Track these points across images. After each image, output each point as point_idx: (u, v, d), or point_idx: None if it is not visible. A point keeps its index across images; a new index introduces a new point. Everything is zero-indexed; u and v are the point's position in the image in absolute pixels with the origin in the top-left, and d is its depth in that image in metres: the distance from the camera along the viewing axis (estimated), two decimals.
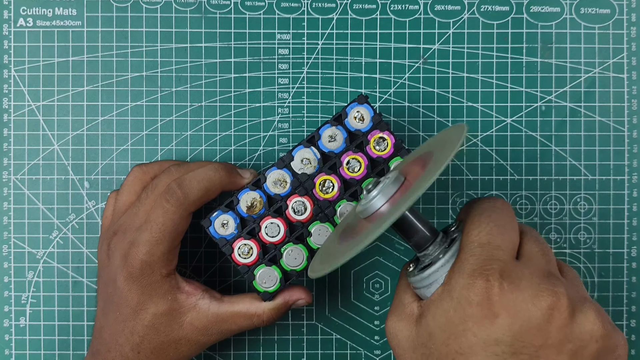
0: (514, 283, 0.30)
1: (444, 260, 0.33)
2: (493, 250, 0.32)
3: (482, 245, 0.32)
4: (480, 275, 0.31)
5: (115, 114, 0.47)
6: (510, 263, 0.31)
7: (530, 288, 0.30)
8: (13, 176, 0.47)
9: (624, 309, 0.47)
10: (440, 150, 0.33)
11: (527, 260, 0.32)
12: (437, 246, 0.34)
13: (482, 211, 0.34)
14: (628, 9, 0.47)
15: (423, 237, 0.34)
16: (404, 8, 0.47)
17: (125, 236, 0.40)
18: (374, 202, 0.33)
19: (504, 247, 0.32)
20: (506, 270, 0.31)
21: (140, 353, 0.40)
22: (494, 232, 0.32)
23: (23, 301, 0.47)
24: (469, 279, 0.31)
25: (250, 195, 0.40)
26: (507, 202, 0.35)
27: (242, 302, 0.41)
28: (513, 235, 0.33)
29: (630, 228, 0.47)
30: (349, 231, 0.35)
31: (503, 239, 0.32)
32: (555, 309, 0.30)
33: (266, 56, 0.47)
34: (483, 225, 0.33)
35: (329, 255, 0.34)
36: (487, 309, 0.30)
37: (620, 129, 0.47)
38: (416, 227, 0.34)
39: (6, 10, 0.47)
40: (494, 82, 0.47)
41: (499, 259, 0.31)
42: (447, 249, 0.33)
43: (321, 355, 0.47)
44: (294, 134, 0.47)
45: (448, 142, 0.33)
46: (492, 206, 0.34)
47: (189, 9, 0.47)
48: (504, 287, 0.30)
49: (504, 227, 0.33)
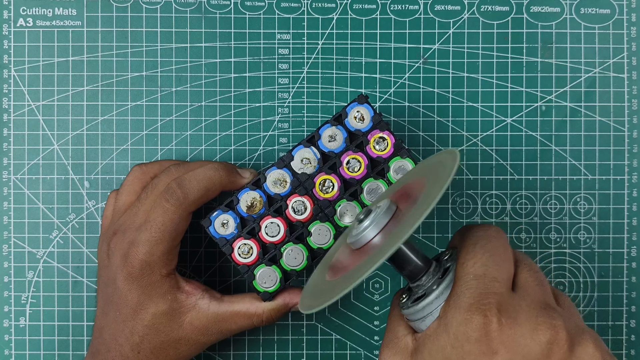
0: (512, 317, 0.30)
1: (438, 292, 0.32)
2: (489, 283, 0.31)
3: (478, 277, 0.31)
4: (477, 310, 0.30)
5: (115, 113, 0.47)
6: (507, 296, 0.31)
7: (528, 322, 0.30)
8: (13, 176, 0.47)
9: (624, 309, 0.47)
10: (433, 180, 0.32)
11: (524, 292, 0.32)
12: (431, 276, 0.33)
13: (476, 240, 0.33)
14: (628, 9, 0.47)
15: (416, 268, 0.33)
16: (404, 8, 0.47)
17: (125, 236, 0.40)
18: (367, 233, 0.32)
19: (500, 279, 0.31)
20: (503, 304, 0.30)
21: (140, 353, 0.40)
22: (489, 263, 0.32)
23: (23, 301, 0.47)
24: (466, 314, 0.30)
25: (250, 195, 0.40)
26: (500, 230, 0.34)
27: (242, 302, 0.41)
28: (508, 265, 0.32)
29: (630, 228, 0.47)
30: (339, 264, 0.34)
31: (499, 270, 0.31)
32: (554, 343, 0.30)
33: (266, 56, 0.47)
34: (478, 255, 0.32)
35: (321, 291, 0.33)
36: (485, 346, 0.29)
37: (620, 129, 0.47)
38: (409, 259, 0.33)
39: (6, 10, 0.47)
40: (494, 82, 0.47)
41: (496, 292, 0.30)
42: (441, 280, 0.32)
43: (321, 355, 0.47)
44: (294, 134, 0.47)
45: (441, 171, 0.32)
46: (487, 235, 0.33)
47: (189, 9, 0.47)
48: (502, 322, 0.30)
49: (500, 257, 0.32)
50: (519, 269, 0.33)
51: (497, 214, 0.47)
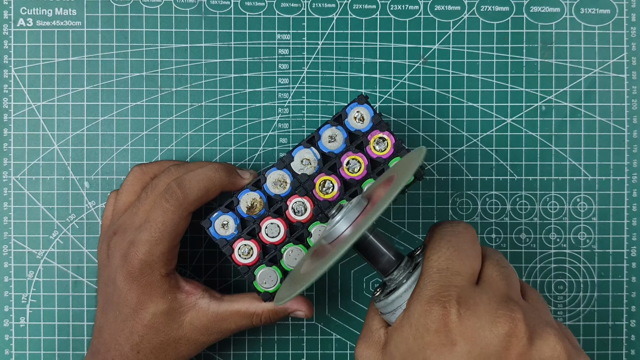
0: (471, 309, 0.30)
1: (407, 285, 0.33)
2: (451, 276, 0.31)
3: (440, 270, 0.32)
4: (437, 302, 0.30)
5: (115, 114, 0.47)
6: (469, 289, 0.31)
7: (487, 314, 0.30)
8: (13, 176, 0.47)
9: (624, 309, 0.47)
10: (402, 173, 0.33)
11: (486, 285, 0.32)
12: (402, 271, 0.34)
13: (442, 235, 0.34)
14: (628, 9, 0.47)
15: (388, 262, 0.34)
16: (404, 8, 0.47)
17: (125, 236, 0.40)
18: (338, 227, 0.33)
19: (462, 273, 0.32)
20: (463, 297, 0.31)
21: (139, 353, 0.40)
22: (453, 257, 0.32)
23: (23, 301, 0.47)
24: (426, 305, 0.31)
25: (250, 195, 0.40)
26: (469, 225, 0.35)
27: (242, 301, 0.41)
28: (473, 260, 0.33)
29: (630, 228, 0.47)
30: (314, 258, 0.35)
31: (462, 264, 0.32)
32: (513, 335, 0.30)
33: (266, 56, 0.47)
34: (443, 250, 0.33)
35: (294, 282, 0.34)
36: (444, 337, 0.30)
37: (620, 129, 0.47)
38: (381, 252, 0.34)
39: (6, 10, 0.47)
40: (494, 82, 0.47)
41: (457, 285, 0.31)
42: (411, 274, 0.33)
43: (321, 355, 0.47)
44: (294, 134, 0.47)
45: (408, 165, 0.33)
46: (454, 230, 0.34)
47: (189, 9, 0.47)
48: (461, 314, 0.30)
49: (464, 251, 0.33)
50: (485, 264, 0.33)
51: (497, 214, 0.47)
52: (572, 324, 0.47)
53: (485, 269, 0.33)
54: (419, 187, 0.47)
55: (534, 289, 0.34)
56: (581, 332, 0.47)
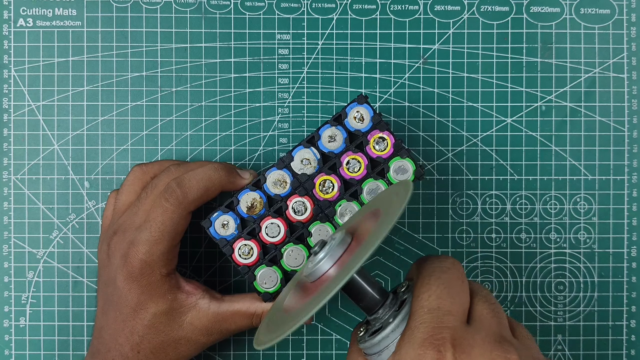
0: (466, 352, 0.30)
1: (394, 325, 0.32)
2: (443, 317, 0.30)
3: (431, 310, 0.31)
4: (431, 345, 0.30)
5: (115, 114, 0.47)
6: (461, 329, 0.30)
7: (482, 357, 0.30)
8: (13, 176, 0.47)
9: (624, 309, 0.47)
10: (387, 210, 0.32)
11: (478, 324, 0.31)
12: (387, 309, 0.33)
13: (431, 272, 0.33)
14: (628, 9, 0.47)
15: (372, 300, 0.33)
16: (404, 8, 0.47)
17: (125, 236, 0.40)
18: (321, 266, 0.32)
19: (454, 312, 0.31)
20: (457, 338, 0.30)
21: (139, 353, 0.40)
22: (443, 295, 0.31)
23: (23, 301, 0.47)
24: (419, 349, 0.30)
25: (250, 195, 0.40)
26: (456, 261, 0.34)
27: (243, 301, 0.41)
28: (463, 297, 0.32)
29: (630, 228, 0.47)
30: (296, 297, 0.34)
31: (453, 303, 0.31)
32: None
33: (266, 56, 0.47)
34: (433, 288, 0.32)
35: (275, 325, 0.33)
36: None
37: (620, 129, 0.47)
38: (365, 291, 0.33)
39: (6, 10, 0.47)
40: (494, 82, 0.47)
41: (449, 326, 0.30)
42: (397, 312, 0.32)
43: (321, 355, 0.47)
44: (294, 134, 0.47)
45: (394, 201, 0.32)
46: (442, 266, 0.33)
47: (189, 9, 0.47)
48: (456, 357, 0.29)
49: (454, 289, 0.32)
50: (474, 300, 0.33)
51: (497, 214, 0.47)
52: (572, 324, 0.47)
53: (475, 306, 0.32)
54: (419, 187, 0.47)
55: (521, 324, 0.34)
56: (581, 332, 0.47)
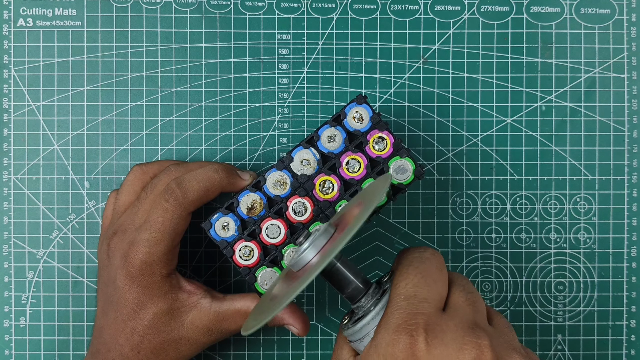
0: (438, 337, 0.30)
1: (374, 312, 0.33)
2: (418, 304, 0.31)
3: (408, 298, 0.32)
4: (404, 330, 0.31)
5: (115, 114, 0.47)
6: (435, 316, 0.31)
7: (454, 342, 0.30)
8: (13, 176, 0.47)
9: (624, 309, 0.47)
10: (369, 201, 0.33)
11: (453, 312, 0.32)
12: (370, 298, 0.34)
13: (410, 262, 0.34)
14: (628, 9, 0.47)
15: (355, 289, 0.34)
16: (404, 8, 0.47)
17: (125, 236, 0.40)
18: (305, 255, 0.33)
19: (430, 300, 0.32)
20: (431, 324, 0.31)
21: (140, 353, 0.40)
22: (420, 283, 0.32)
23: (23, 301, 0.47)
24: (393, 334, 0.31)
25: (250, 197, 0.40)
26: (436, 251, 0.35)
27: (244, 301, 0.41)
28: (440, 286, 0.33)
29: (630, 228, 0.47)
30: (282, 286, 0.35)
31: (429, 291, 0.32)
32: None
33: (266, 56, 0.47)
34: (410, 276, 0.33)
35: (262, 311, 0.34)
36: None
37: (620, 129, 0.47)
38: (348, 279, 0.34)
39: (6, 10, 0.47)
40: (494, 82, 0.47)
41: (424, 313, 0.31)
42: (378, 301, 0.33)
43: (321, 355, 0.47)
44: (294, 134, 0.47)
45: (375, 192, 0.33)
46: (421, 256, 0.34)
47: (189, 9, 0.47)
48: (429, 342, 0.30)
49: (431, 277, 0.33)
50: (452, 290, 0.34)
51: (497, 214, 0.47)
52: (572, 324, 0.48)
53: (452, 295, 0.33)
54: (419, 187, 0.47)
55: (500, 313, 0.35)
56: (581, 332, 0.47)
